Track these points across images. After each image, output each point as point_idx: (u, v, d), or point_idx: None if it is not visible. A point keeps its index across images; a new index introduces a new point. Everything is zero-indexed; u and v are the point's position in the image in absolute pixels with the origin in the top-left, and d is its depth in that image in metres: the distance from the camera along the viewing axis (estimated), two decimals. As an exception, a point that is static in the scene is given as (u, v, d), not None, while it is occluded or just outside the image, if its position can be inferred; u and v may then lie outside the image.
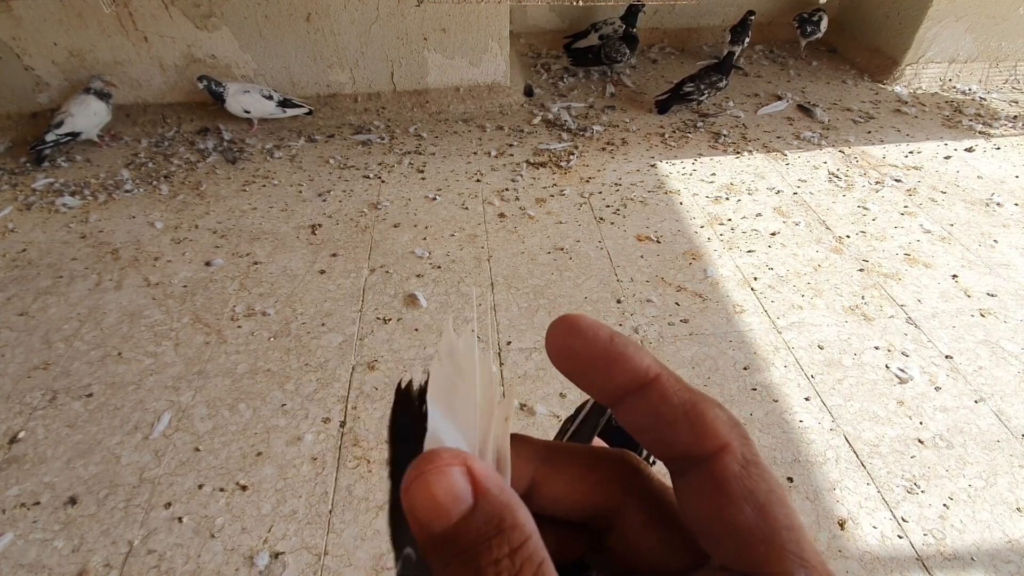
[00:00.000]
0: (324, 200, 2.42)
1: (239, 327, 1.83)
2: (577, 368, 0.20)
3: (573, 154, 2.73)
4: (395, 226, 2.28)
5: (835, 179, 2.58)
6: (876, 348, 1.79)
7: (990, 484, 1.44)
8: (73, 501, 1.38)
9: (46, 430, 1.53)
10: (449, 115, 3.06)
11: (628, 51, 3.24)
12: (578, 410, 0.39)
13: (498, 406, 0.20)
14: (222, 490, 1.41)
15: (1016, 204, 2.43)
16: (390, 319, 1.87)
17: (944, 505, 1.39)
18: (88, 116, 2.57)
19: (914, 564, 1.29)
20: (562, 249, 2.17)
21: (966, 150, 2.79)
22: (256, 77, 2.88)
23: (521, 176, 2.58)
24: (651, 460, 0.24)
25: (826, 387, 1.67)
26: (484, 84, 3.08)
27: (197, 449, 1.49)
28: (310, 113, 2.92)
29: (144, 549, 1.30)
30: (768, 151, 2.78)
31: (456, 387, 0.20)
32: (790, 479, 1.44)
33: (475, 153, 2.76)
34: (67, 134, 2.54)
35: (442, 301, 1.94)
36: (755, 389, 1.66)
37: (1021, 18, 3.24)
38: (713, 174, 2.61)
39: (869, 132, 2.94)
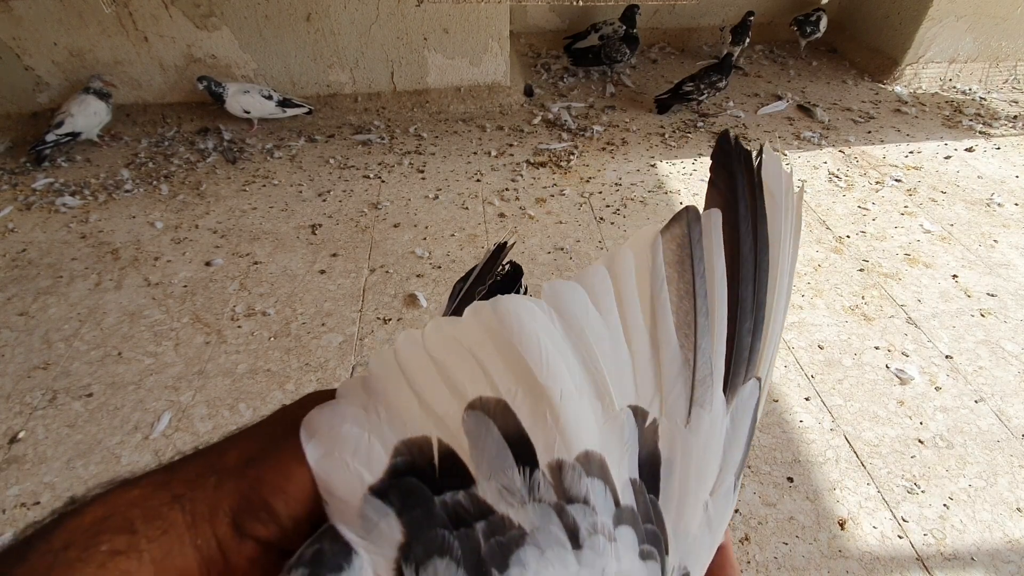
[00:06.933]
0: (324, 200, 2.42)
1: (239, 327, 1.83)
2: None
3: (573, 154, 2.73)
4: (395, 226, 2.28)
5: (835, 179, 2.58)
6: (876, 348, 1.79)
7: (990, 484, 1.44)
8: (73, 502, 1.38)
9: (46, 430, 1.53)
10: (449, 115, 3.06)
11: (628, 51, 3.24)
12: (468, 272, 0.51)
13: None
14: (222, 490, 1.40)
15: (1016, 204, 2.43)
16: (390, 319, 1.87)
17: (944, 505, 1.39)
18: (88, 116, 2.57)
19: (914, 564, 1.29)
20: (562, 249, 2.17)
21: (966, 150, 2.79)
22: (256, 77, 2.88)
23: (521, 176, 2.58)
24: None
25: (826, 387, 1.67)
26: (484, 84, 3.08)
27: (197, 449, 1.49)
28: (310, 113, 2.92)
29: (144, 549, 1.29)
30: (768, 151, 2.78)
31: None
32: (790, 479, 1.45)
33: (475, 153, 2.75)
34: (67, 134, 2.54)
35: (442, 301, 1.94)
36: (755, 389, 1.66)
37: (1021, 18, 3.24)
38: (713, 174, 2.61)
39: (869, 132, 2.94)
